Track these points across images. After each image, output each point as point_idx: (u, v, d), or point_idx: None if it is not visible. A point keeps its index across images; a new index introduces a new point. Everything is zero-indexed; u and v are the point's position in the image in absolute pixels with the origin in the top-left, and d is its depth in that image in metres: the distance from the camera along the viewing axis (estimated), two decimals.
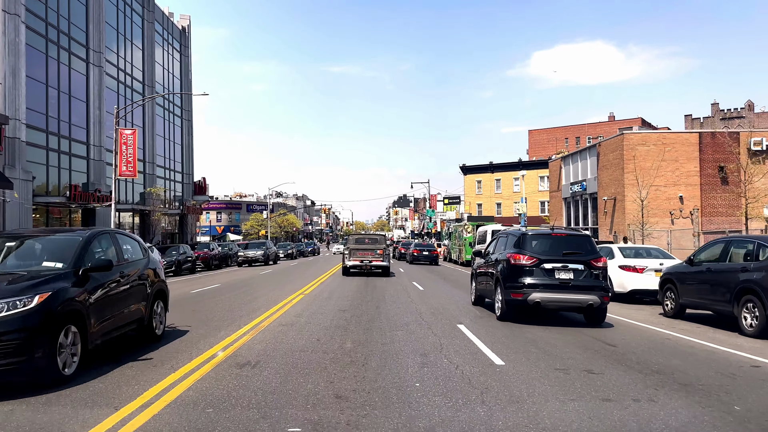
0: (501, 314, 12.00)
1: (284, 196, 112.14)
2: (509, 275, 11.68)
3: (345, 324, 11.58)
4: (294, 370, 7.52)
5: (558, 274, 11.26)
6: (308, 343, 9.55)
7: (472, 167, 77.17)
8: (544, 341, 10.00)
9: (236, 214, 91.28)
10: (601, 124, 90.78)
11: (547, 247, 11.70)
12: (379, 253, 26.49)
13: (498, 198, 74.25)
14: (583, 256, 11.41)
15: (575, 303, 11.34)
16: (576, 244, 11.75)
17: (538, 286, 11.25)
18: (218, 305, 15.28)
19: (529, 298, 11.24)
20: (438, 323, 11.87)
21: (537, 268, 11.36)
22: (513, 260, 11.63)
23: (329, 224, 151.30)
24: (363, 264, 26.44)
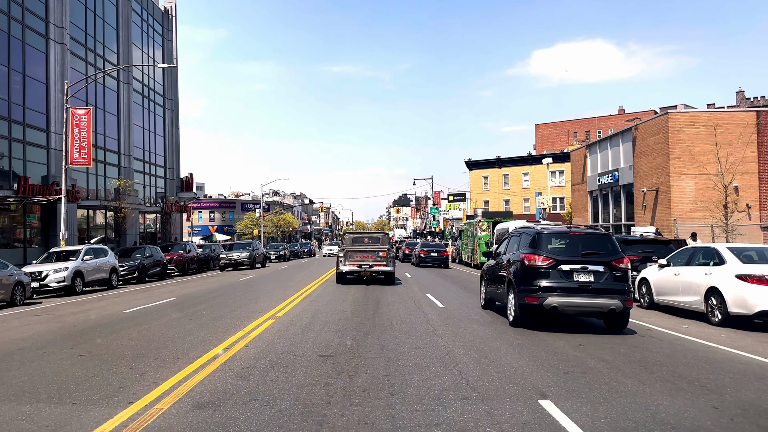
0: (514, 320, 11.05)
1: (281, 195, 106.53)
2: (523, 278, 10.66)
3: (321, 401, 6.03)
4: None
5: (577, 276, 10.28)
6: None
7: (479, 162, 71.67)
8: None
9: (230, 213, 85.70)
10: (612, 117, 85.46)
11: (565, 247, 10.72)
12: (381, 256, 21.04)
13: (506, 194, 68.75)
14: (604, 257, 10.42)
15: (596, 308, 10.31)
16: (596, 243, 10.73)
17: (555, 289, 10.25)
18: (127, 341, 9.77)
19: (546, 302, 10.25)
20: (500, 393, 6.36)
21: (554, 269, 10.35)
22: (527, 261, 10.61)
23: (328, 224, 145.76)
24: (362, 270, 21.09)
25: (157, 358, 8.28)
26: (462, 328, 11.10)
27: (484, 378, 7.00)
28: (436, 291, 18.63)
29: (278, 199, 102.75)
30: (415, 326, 11.19)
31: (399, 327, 11.05)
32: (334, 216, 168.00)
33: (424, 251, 34.31)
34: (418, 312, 13.35)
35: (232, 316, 12.81)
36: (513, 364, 7.82)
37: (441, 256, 34.18)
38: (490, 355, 8.47)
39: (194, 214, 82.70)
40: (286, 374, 7.15)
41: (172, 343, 9.55)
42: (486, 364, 7.78)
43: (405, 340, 9.68)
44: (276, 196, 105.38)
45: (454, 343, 9.38)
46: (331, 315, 12.97)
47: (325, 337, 9.85)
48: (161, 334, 10.53)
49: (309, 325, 11.28)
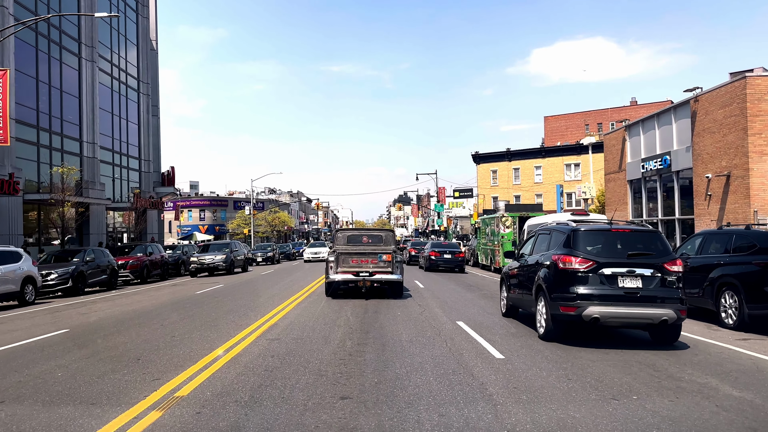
0: (545, 333, 9.18)
1: (278, 193, 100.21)
2: (557, 283, 8.92)
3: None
4: None
5: (622, 281, 8.61)
6: None
7: (487, 155, 65.42)
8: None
9: (222, 211, 79.32)
10: (626, 108, 79.28)
11: (606, 246, 8.98)
12: (385, 260, 15.26)
13: (516, 189, 62.49)
14: (654, 258, 8.75)
15: (645, 319, 8.54)
16: (643, 242, 9.03)
17: (596, 297, 8.53)
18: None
19: (585, 312, 8.49)
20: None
21: (594, 274, 8.64)
22: (562, 264, 8.88)
23: (327, 223, 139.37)
24: (359, 278, 15.23)
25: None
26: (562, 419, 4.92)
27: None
28: (469, 315, 12.30)
29: (274, 197, 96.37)
30: (470, 419, 5.01)
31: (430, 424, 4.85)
32: (333, 215, 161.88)
33: (436, 252, 28.02)
34: (461, 371, 7.05)
35: (134, 372, 6.69)
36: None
37: (456, 258, 27.90)
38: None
39: (183, 212, 76.46)
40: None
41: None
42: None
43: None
44: (272, 194, 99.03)
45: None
46: (304, 362, 7.12)
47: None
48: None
49: (252, 400, 5.21)
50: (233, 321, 11.42)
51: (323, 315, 12.09)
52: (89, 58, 36.07)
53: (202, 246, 30.62)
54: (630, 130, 30.82)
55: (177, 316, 12.68)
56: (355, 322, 11.02)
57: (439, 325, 10.72)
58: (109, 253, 23.67)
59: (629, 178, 30.73)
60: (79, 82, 35.34)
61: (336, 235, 16.80)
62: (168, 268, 28.36)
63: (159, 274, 27.33)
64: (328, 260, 15.53)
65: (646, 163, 28.75)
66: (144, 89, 44.40)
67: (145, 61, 44.84)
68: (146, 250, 26.41)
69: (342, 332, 9.83)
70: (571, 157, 60.53)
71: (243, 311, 13.02)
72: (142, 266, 25.25)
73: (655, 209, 28.61)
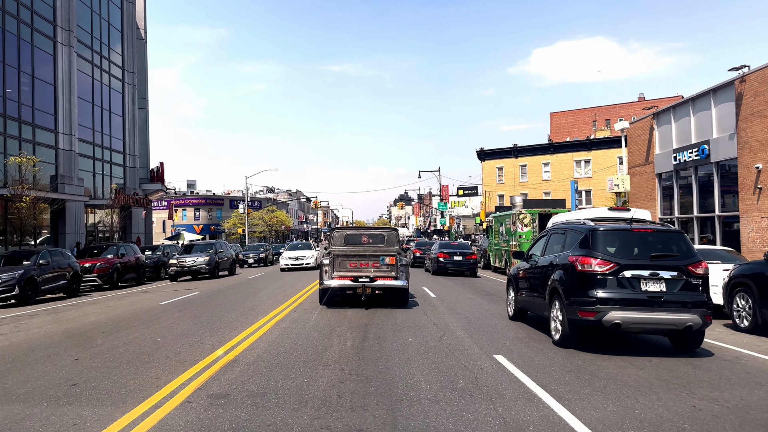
0: (561, 338, 8.51)
1: (276, 192, 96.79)
2: (575, 286, 8.29)
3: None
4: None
5: (645, 285, 7.99)
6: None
7: (492, 152, 62.08)
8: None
9: (218, 210, 75.93)
10: (635, 104, 76.00)
11: (627, 247, 8.30)
12: (388, 263, 13.20)
13: (524, 187, 59.15)
14: (678, 260, 8.10)
15: (669, 324, 7.93)
16: (666, 243, 8.34)
17: (618, 301, 7.91)
18: None
19: (606, 318, 7.90)
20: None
21: (615, 276, 8.03)
22: (580, 266, 8.24)
23: (327, 223, 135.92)
24: (358, 284, 13.09)
25: None
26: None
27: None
28: (508, 344, 8.85)
29: (272, 196, 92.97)
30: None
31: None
32: (333, 215, 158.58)
33: (444, 254, 24.63)
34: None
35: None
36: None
37: (468, 260, 24.50)
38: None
39: (177, 211, 73.14)
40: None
41: None
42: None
43: None
44: (270, 193, 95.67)
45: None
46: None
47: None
48: None
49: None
50: (175, 355, 8.07)
51: (307, 342, 8.78)
52: (66, 43, 32.76)
53: (186, 247, 27.30)
54: (659, 118, 27.51)
55: (111, 342, 9.33)
56: (350, 356, 7.72)
57: (470, 363, 7.37)
58: (71, 255, 20.35)
59: (658, 171, 27.43)
60: (55, 69, 32.06)
61: (332, 234, 14.30)
62: (144, 271, 25.03)
63: (134, 278, 24.02)
64: (323, 263, 13.40)
65: (679, 154, 25.45)
66: (129, 79, 41.08)
67: (130, 50, 41.53)
68: (118, 252, 23.09)
69: (328, 379, 6.52)
70: (581, 153, 57.23)
71: (200, 335, 9.70)
72: (112, 269, 21.93)
73: (689, 205, 25.30)
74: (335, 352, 8.01)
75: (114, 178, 39.07)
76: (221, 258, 26.76)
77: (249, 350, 8.23)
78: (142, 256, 25.28)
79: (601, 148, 56.22)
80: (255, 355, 7.92)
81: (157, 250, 28.64)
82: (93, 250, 23.56)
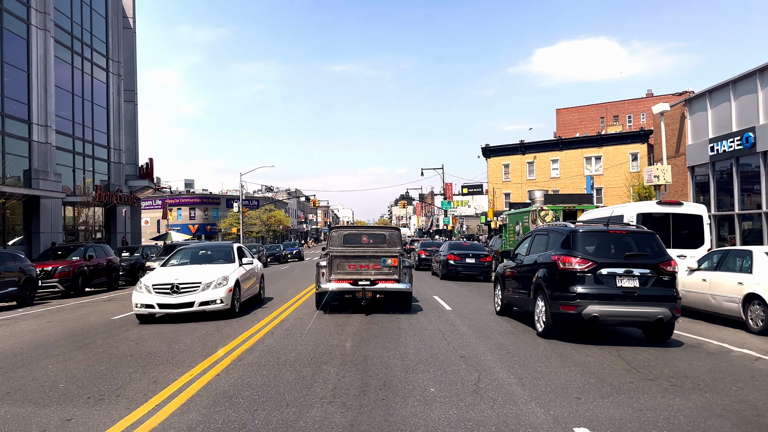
0: (545, 330, 9.19)
1: (275, 191, 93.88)
2: (557, 283, 8.95)
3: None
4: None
5: (620, 281, 8.67)
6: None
7: (498, 148, 59.18)
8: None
9: (214, 210, 72.96)
10: (644, 100, 73.16)
11: (604, 247, 9.07)
12: (390, 265, 12.27)
13: (531, 185, 56.16)
14: (650, 259, 8.81)
15: (642, 317, 8.66)
16: (639, 243, 9.08)
17: (596, 296, 8.59)
18: None
19: (585, 311, 8.55)
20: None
21: (593, 273, 8.70)
22: (562, 264, 8.90)
23: (327, 223, 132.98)
24: (357, 287, 12.08)
25: None
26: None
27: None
28: (588, 409, 6.08)
29: (271, 195, 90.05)
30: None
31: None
32: (334, 215, 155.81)
33: (455, 256, 21.70)
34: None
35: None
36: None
37: (482, 263, 21.56)
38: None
39: (172, 211, 70.32)
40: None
41: None
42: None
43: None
44: (269, 192, 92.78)
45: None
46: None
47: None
48: None
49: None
50: (96, 404, 5.20)
51: (286, 390, 5.89)
52: (42, 27, 29.91)
53: (167, 248, 24.39)
54: (691, 105, 24.61)
55: (12, 382, 6.46)
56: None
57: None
58: (25, 257, 17.49)
59: (691, 163, 24.55)
60: (28, 54, 29.21)
61: (331, 234, 13.21)
62: (118, 274, 22.17)
63: (105, 282, 21.15)
64: (320, 265, 12.60)
65: (717, 143, 22.57)
66: (114, 69, 38.19)
67: (116, 38, 38.65)
68: (85, 253, 20.20)
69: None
70: (591, 150, 54.34)
71: (127, 374, 6.80)
72: (77, 273, 19.04)
73: (729, 201, 22.41)
74: (318, 414, 5.13)
75: (97, 173, 36.22)
76: None
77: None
78: (115, 258, 22.42)
79: (612, 144, 53.36)
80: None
81: (135, 252, 25.77)
82: (58, 251, 20.69)
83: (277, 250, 41.52)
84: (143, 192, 41.27)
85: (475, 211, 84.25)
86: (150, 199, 71.19)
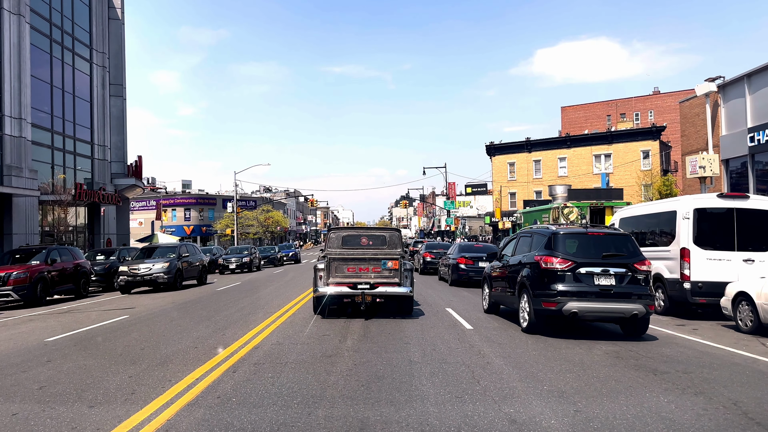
0: (528, 326, 9.68)
1: (273, 192, 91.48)
2: (539, 281, 9.44)
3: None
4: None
5: (598, 279, 9.16)
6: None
7: (503, 146, 56.68)
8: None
9: (210, 210, 70.44)
10: (651, 97, 70.79)
11: (583, 248, 9.55)
12: (390, 268, 11.62)
13: (538, 184, 53.75)
14: (626, 259, 9.31)
15: (618, 313, 9.16)
16: (616, 244, 9.63)
17: (575, 293, 9.10)
18: None
19: (565, 308, 9.04)
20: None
21: (572, 272, 9.20)
22: (544, 264, 9.38)
23: (327, 224, 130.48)
24: (357, 291, 11.46)
25: None
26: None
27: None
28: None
29: (269, 195, 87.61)
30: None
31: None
32: (334, 216, 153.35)
33: (466, 259, 19.13)
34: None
35: None
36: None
37: None
38: None
39: (167, 211, 67.84)
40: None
41: None
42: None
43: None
44: (267, 193, 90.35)
45: None
46: None
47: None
48: None
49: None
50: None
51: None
52: (15, 11, 27.46)
53: (146, 250, 21.91)
54: (725, 92, 22.10)
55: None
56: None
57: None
58: None
59: (725, 156, 22.04)
60: (0, 40, 26.78)
61: (329, 236, 12.61)
62: (88, 280, 19.68)
63: (72, 289, 18.66)
64: (317, 267, 11.96)
65: (758, 133, 20.06)
66: (99, 60, 35.72)
67: (100, 27, 36.20)
68: (47, 257, 17.68)
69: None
70: (600, 147, 51.85)
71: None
72: (35, 280, 16.53)
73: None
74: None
75: (80, 171, 33.77)
76: (184, 265, 21.32)
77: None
78: (86, 262, 19.90)
79: (623, 140, 50.87)
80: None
81: (112, 255, 23.27)
82: (17, 255, 18.18)
83: (272, 253, 38.91)
84: (131, 191, 38.78)
85: (477, 212, 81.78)
86: (144, 200, 68.69)
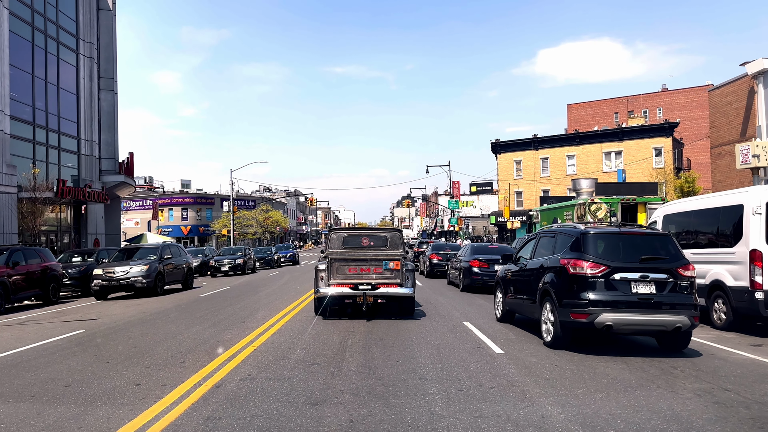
0: (553, 340, 8.29)
1: (273, 191, 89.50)
2: (566, 289, 8.10)
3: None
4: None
5: (636, 287, 7.81)
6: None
7: (509, 143, 54.66)
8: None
9: (207, 210, 68.43)
10: (660, 94, 68.77)
11: (617, 250, 8.17)
12: (392, 268, 11.35)
13: (545, 183, 51.72)
14: (667, 263, 7.98)
15: (659, 326, 7.82)
16: (655, 246, 8.24)
17: (609, 303, 7.74)
18: None
19: (597, 320, 7.69)
20: None
21: (606, 279, 7.85)
22: (572, 268, 8.07)
23: (328, 224, 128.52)
24: (358, 292, 11.17)
25: None
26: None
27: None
28: None
29: (269, 195, 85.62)
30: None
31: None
32: (335, 216, 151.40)
33: (480, 262, 16.99)
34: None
35: None
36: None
37: None
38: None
39: (163, 211, 65.85)
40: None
41: None
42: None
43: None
44: (267, 192, 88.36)
45: None
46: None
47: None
48: None
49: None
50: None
51: None
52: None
53: (126, 251, 19.87)
54: (765, 78, 20.04)
55: None
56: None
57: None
58: None
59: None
60: None
61: (330, 237, 12.41)
62: (58, 284, 17.65)
63: (40, 294, 16.62)
64: (319, 268, 11.75)
65: None
66: (86, 51, 33.70)
67: (88, 16, 34.19)
68: (8, 260, 15.65)
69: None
70: (610, 144, 49.79)
71: None
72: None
73: None
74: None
75: (65, 167, 31.75)
76: (172, 266, 19.27)
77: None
78: (57, 265, 17.87)
79: (633, 137, 48.82)
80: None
81: (90, 256, 21.22)
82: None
83: (268, 254, 36.80)
84: (121, 189, 36.77)
85: (481, 212, 79.73)
86: (140, 199, 66.75)
